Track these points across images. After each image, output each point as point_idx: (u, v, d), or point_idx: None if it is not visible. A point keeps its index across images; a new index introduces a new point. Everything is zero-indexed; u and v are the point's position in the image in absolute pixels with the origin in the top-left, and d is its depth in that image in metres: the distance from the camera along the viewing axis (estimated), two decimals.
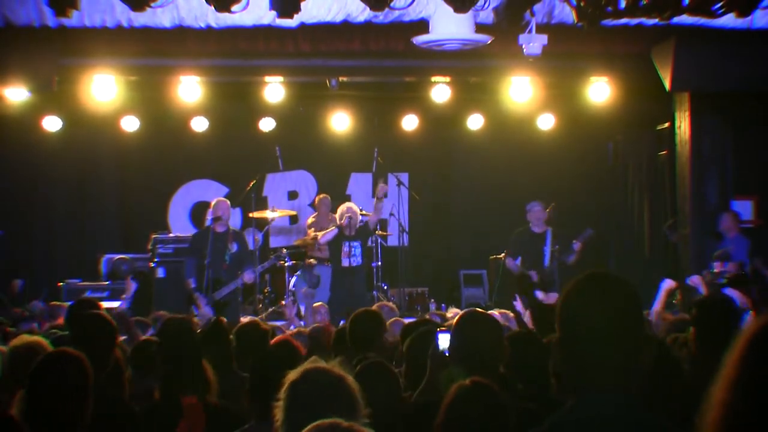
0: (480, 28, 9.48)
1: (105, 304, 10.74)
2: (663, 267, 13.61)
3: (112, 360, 4.73)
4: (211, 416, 4.44)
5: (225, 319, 6.24)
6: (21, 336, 5.55)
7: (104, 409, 4.14)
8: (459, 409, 3.42)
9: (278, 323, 10.34)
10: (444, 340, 4.21)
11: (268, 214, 13.46)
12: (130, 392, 4.94)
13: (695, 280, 9.52)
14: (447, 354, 4.15)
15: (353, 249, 11.71)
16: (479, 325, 4.08)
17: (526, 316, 7.63)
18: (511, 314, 8.22)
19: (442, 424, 3.43)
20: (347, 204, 12.06)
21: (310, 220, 13.69)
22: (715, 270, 9.86)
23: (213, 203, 11.74)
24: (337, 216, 11.96)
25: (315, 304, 9.93)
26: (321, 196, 13.85)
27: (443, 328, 4.43)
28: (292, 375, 3.14)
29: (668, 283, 10.89)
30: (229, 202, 11.86)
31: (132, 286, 11.07)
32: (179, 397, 4.44)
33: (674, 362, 4.36)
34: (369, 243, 13.62)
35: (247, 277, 11.36)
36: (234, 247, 11.47)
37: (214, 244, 11.23)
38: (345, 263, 11.68)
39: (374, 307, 7.72)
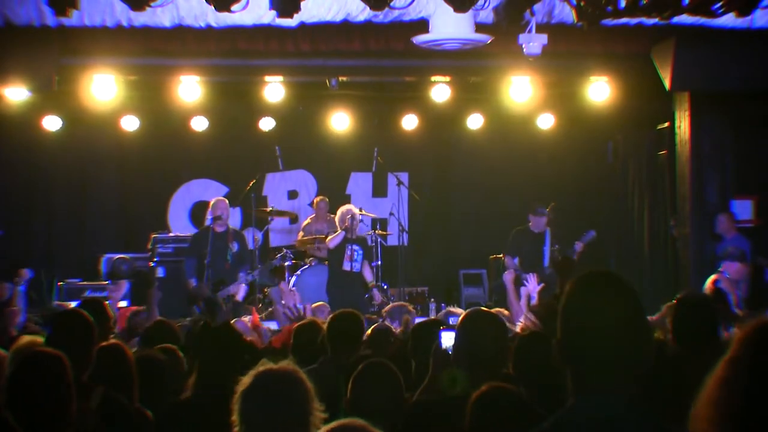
0: (480, 27, 9.48)
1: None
2: (663, 267, 13.61)
3: (93, 358, 4.70)
4: None
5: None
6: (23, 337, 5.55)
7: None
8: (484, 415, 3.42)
9: (273, 324, 10.36)
10: (447, 339, 4.20)
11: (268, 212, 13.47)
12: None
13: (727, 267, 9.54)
14: (450, 353, 4.14)
15: (356, 253, 11.72)
16: (483, 326, 4.07)
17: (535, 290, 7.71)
18: (507, 312, 8.25)
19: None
20: (347, 206, 12.05)
21: (307, 221, 13.65)
22: (721, 269, 9.81)
23: (212, 203, 11.77)
24: (337, 218, 11.94)
25: (316, 304, 9.92)
26: (319, 198, 13.82)
27: (444, 327, 4.43)
28: (245, 380, 3.19)
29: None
30: (227, 201, 11.88)
31: (125, 285, 11.15)
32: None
33: (673, 361, 4.36)
34: (369, 243, 13.64)
35: (240, 291, 11.43)
36: (235, 247, 11.51)
37: (214, 243, 11.26)
38: (347, 267, 11.68)
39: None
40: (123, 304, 11.71)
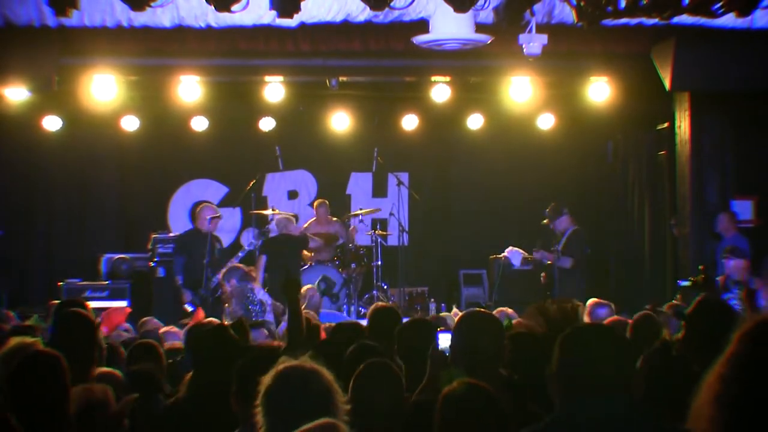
0: (480, 27, 9.48)
1: (102, 304, 10.78)
2: (663, 267, 13.60)
3: (96, 357, 4.69)
4: None
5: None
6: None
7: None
8: (451, 413, 3.41)
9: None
10: (444, 340, 4.20)
11: (267, 213, 13.47)
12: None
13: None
14: (447, 354, 4.14)
15: None
16: (479, 326, 4.07)
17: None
18: (510, 311, 8.26)
19: (437, 427, 3.44)
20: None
21: (307, 225, 13.60)
22: (726, 270, 9.82)
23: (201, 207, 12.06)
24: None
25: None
26: (318, 201, 13.82)
27: (441, 328, 4.43)
28: (267, 378, 3.16)
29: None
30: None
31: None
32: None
33: (680, 361, 4.34)
34: (369, 242, 13.66)
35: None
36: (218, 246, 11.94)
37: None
38: None
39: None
40: (123, 303, 11.75)
